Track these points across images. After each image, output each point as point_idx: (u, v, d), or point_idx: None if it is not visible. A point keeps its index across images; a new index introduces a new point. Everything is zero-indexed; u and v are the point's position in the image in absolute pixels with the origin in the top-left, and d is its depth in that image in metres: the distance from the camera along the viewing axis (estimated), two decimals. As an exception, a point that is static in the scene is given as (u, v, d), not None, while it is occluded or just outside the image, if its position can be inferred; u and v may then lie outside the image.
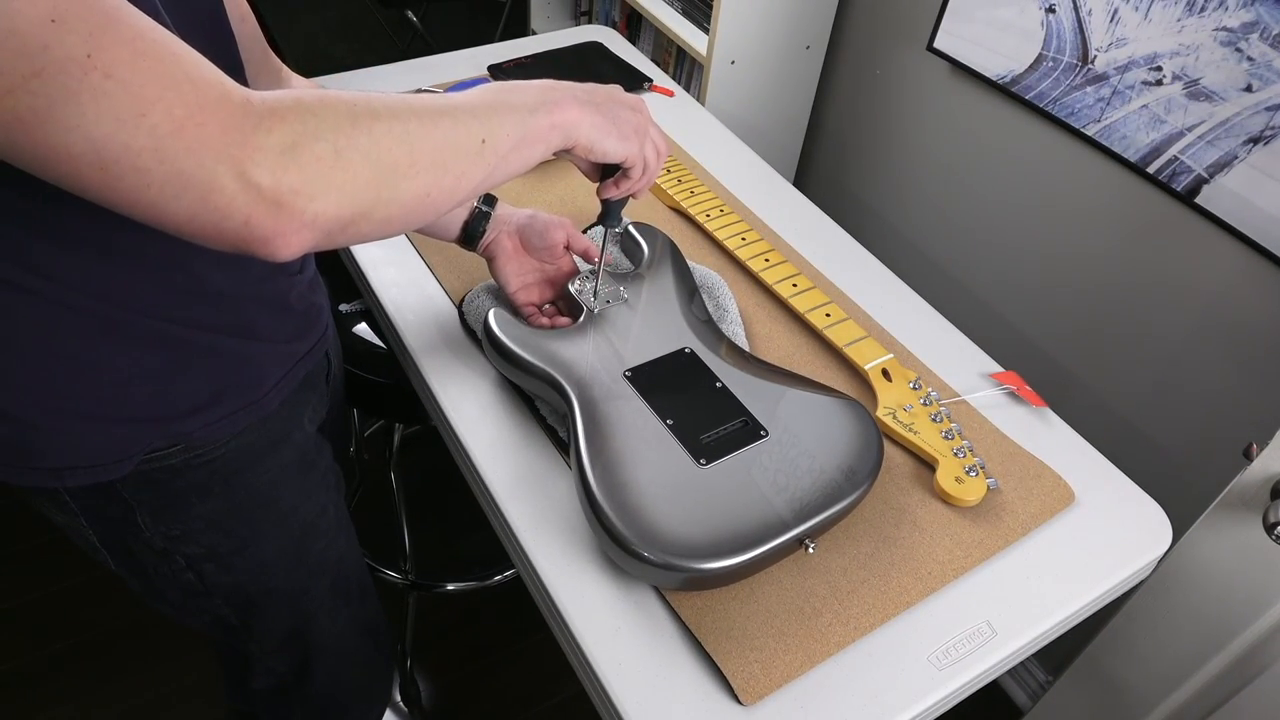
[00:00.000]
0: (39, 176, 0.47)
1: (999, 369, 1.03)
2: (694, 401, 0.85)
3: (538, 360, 0.85)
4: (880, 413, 0.91)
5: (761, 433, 0.83)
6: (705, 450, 0.80)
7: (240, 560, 0.85)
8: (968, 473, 0.86)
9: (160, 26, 0.48)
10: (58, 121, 0.45)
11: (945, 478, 0.86)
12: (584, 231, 1.10)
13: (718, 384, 0.87)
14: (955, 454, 0.87)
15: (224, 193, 0.48)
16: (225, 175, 0.48)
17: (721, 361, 0.90)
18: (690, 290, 0.98)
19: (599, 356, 0.87)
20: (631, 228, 1.02)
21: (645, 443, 0.80)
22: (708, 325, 0.94)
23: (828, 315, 1.01)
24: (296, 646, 0.98)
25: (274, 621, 0.93)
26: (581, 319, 0.91)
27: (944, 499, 0.86)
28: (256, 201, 0.49)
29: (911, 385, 0.94)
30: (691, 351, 0.90)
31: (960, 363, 1.03)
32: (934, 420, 0.91)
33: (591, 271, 0.94)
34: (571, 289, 0.93)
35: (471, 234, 0.93)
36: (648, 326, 0.91)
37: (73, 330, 0.64)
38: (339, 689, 1.09)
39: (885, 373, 0.95)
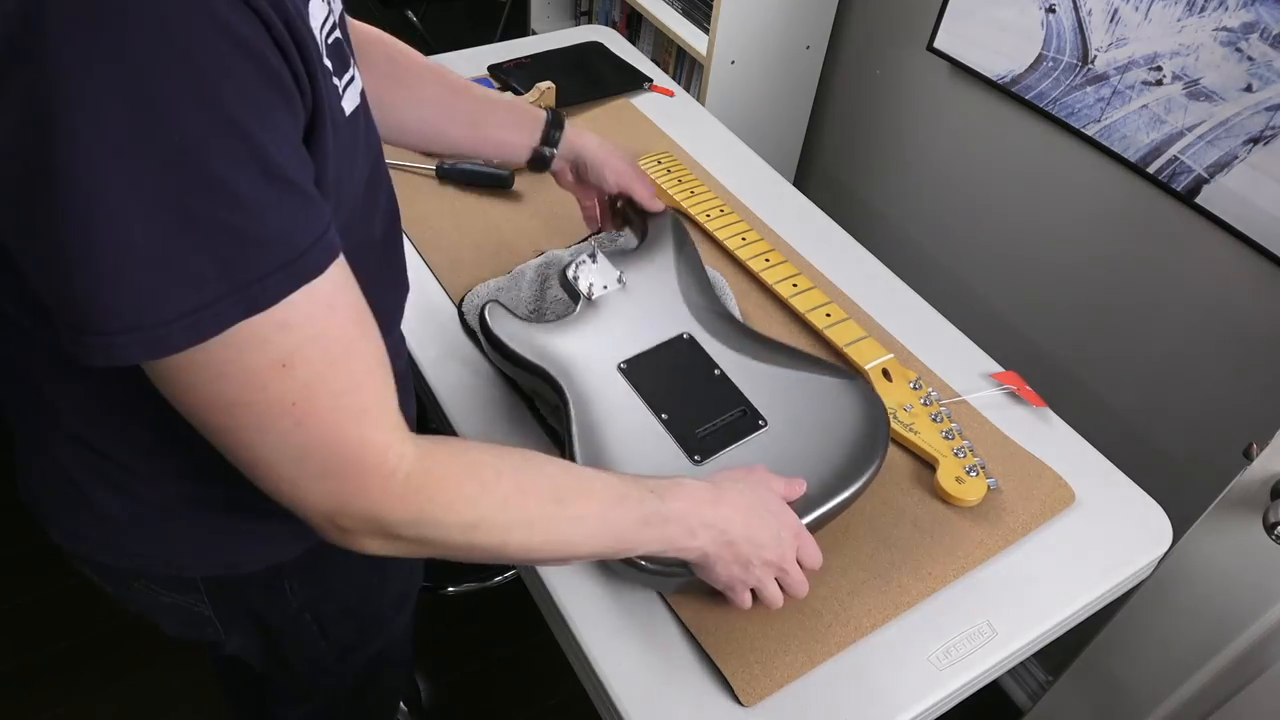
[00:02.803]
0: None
1: (999, 369, 1.03)
2: (691, 392, 0.83)
3: (530, 355, 0.84)
4: None
5: (760, 422, 0.82)
6: (701, 446, 0.79)
7: (365, 607, 0.84)
8: (968, 472, 0.86)
9: (363, 357, 0.51)
10: (237, 440, 0.48)
11: (946, 478, 0.86)
12: (585, 240, 1.10)
13: (716, 371, 0.86)
14: (955, 454, 0.87)
15: (317, 525, 0.53)
16: (327, 527, 0.53)
17: (721, 346, 0.88)
18: (694, 268, 0.95)
19: (594, 348, 0.85)
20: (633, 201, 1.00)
21: (639, 440, 0.79)
22: (709, 306, 0.92)
23: (828, 315, 1.01)
24: (370, 667, 0.96)
25: (367, 652, 0.91)
26: (579, 308, 0.89)
27: (944, 499, 0.86)
28: (338, 540, 0.54)
29: (912, 385, 0.94)
30: (690, 337, 0.88)
31: (960, 363, 1.03)
32: (934, 420, 0.91)
33: (590, 255, 0.91)
34: (568, 275, 0.90)
35: (537, 168, 0.95)
36: (645, 313, 0.89)
37: None
38: (389, 694, 1.09)
39: (885, 373, 0.95)
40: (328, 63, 0.49)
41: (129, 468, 0.63)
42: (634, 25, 1.97)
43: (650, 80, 1.44)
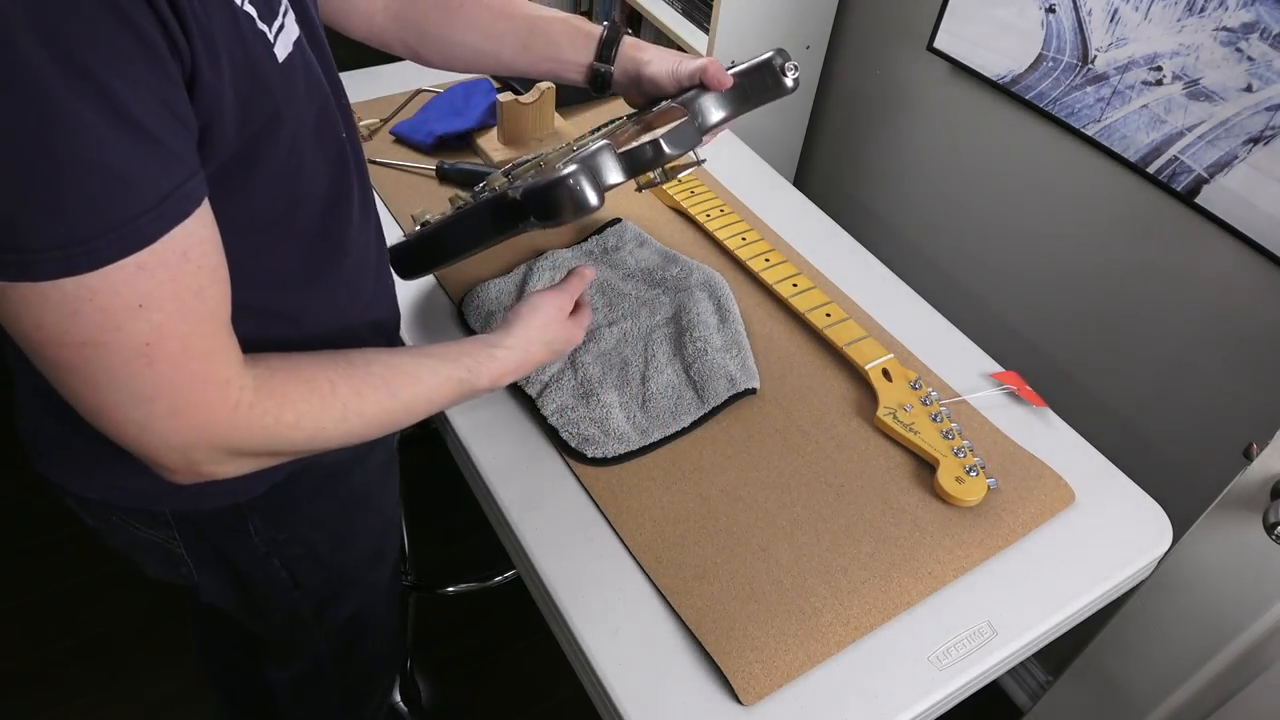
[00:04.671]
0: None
1: (999, 369, 1.03)
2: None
3: None
4: (880, 413, 0.91)
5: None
6: None
7: (334, 557, 0.85)
8: (968, 472, 0.86)
9: (212, 301, 0.52)
10: (83, 378, 0.49)
11: (946, 477, 0.86)
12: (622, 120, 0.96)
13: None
14: (955, 454, 0.87)
15: (165, 463, 0.55)
16: (177, 461, 0.55)
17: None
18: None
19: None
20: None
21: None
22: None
23: (828, 315, 1.01)
24: (350, 630, 0.98)
25: (343, 610, 0.93)
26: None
27: (944, 499, 0.86)
28: (186, 474, 0.56)
29: (912, 385, 0.94)
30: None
31: (960, 362, 1.03)
32: (934, 420, 0.91)
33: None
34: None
35: (598, 88, 0.89)
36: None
37: None
38: (374, 663, 1.09)
39: (885, 373, 0.95)
40: (249, 9, 0.51)
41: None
42: (634, 25, 1.97)
43: (650, 80, 1.44)
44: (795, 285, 1.05)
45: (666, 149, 0.76)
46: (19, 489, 1.80)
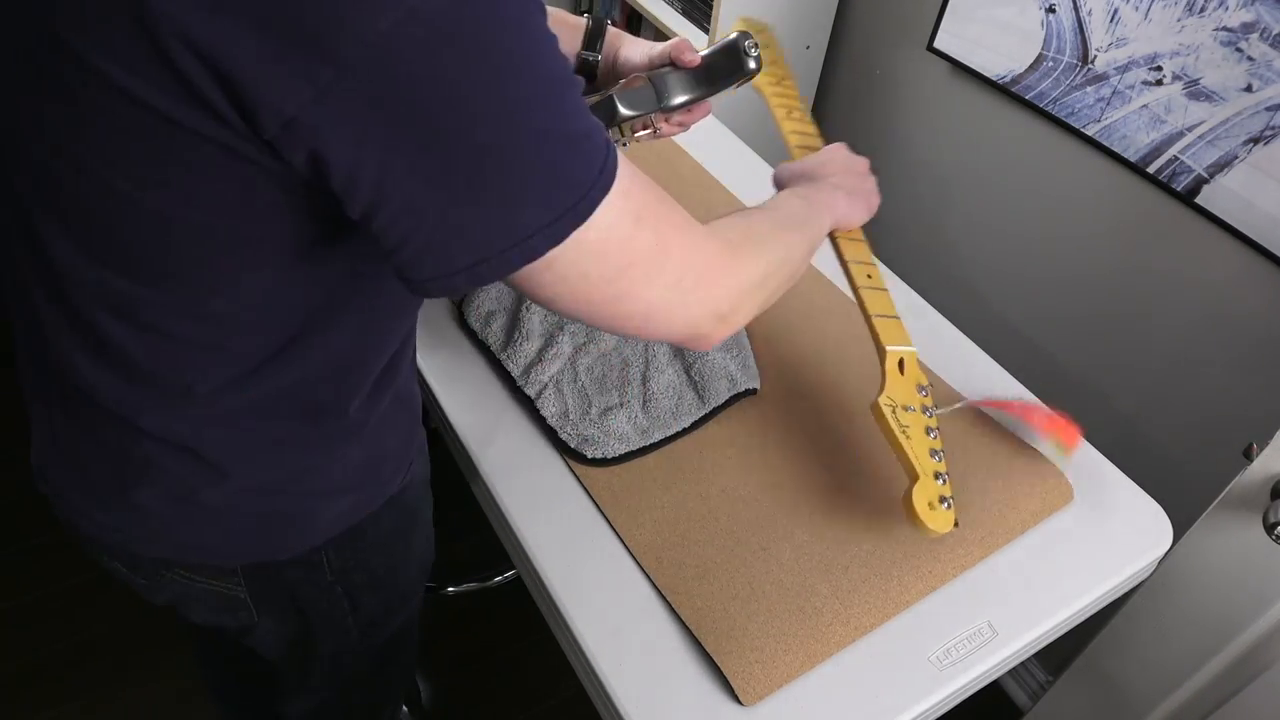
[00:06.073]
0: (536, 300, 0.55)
1: (996, 366, 1.03)
2: None
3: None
4: (882, 400, 0.84)
5: None
6: None
7: (391, 577, 0.84)
8: (940, 501, 0.79)
9: (663, 193, 0.57)
10: (631, 297, 0.55)
11: (921, 498, 0.78)
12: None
13: None
14: (936, 477, 0.80)
15: (703, 327, 0.61)
16: (709, 321, 0.61)
17: None
18: None
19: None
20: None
21: None
22: None
23: (868, 276, 0.92)
24: (388, 648, 0.95)
25: (387, 629, 0.91)
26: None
27: (909, 517, 0.78)
28: (719, 328, 0.62)
29: (919, 389, 0.87)
30: None
31: (960, 362, 1.03)
32: (928, 434, 0.84)
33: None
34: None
35: (584, 75, 0.91)
36: None
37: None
38: (397, 676, 1.08)
39: (901, 363, 0.88)
40: None
41: (216, 467, 0.64)
42: (634, 25, 1.97)
43: (650, 80, 1.43)
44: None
45: (620, 107, 0.81)
46: (19, 489, 1.80)
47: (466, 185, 0.45)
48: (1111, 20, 1.18)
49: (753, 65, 0.87)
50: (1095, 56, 1.21)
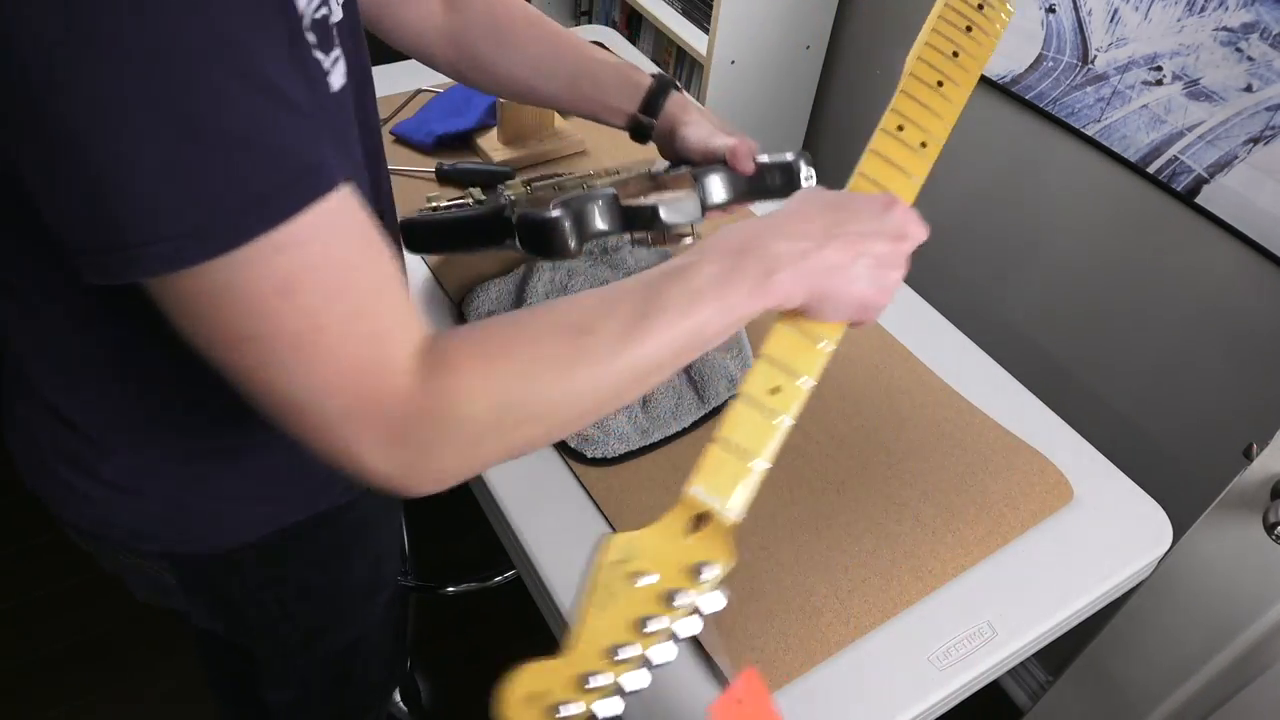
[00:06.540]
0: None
1: (997, 366, 1.03)
2: None
3: None
4: (608, 558, 0.59)
5: None
6: None
7: (326, 592, 0.84)
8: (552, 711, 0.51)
9: (372, 279, 0.47)
10: (257, 378, 0.45)
11: (519, 691, 0.51)
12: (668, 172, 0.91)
13: None
14: (583, 683, 0.51)
15: (365, 462, 0.48)
16: (381, 467, 0.48)
17: None
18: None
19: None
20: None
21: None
22: None
23: (774, 390, 0.59)
24: (344, 659, 0.96)
25: (336, 641, 0.92)
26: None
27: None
28: (391, 476, 0.48)
29: (696, 571, 0.55)
30: None
31: (960, 361, 1.03)
32: (639, 628, 0.54)
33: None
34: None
35: (637, 137, 0.88)
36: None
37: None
38: (367, 691, 1.09)
39: (699, 521, 0.58)
40: (310, 35, 0.49)
41: (95, 441, 0.64)
42: (634, 25, 1.97)
43: (650, 80, 1.44)
44: (908, 112, 0.70)
45: (663, 216, 0.78)
46: (19, 488, 1.80)
47: (70, 181, 0.41)
48: (1111, 20, 1.18)
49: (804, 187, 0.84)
50: (1095, 56, 1.21)
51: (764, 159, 0.84)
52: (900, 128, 0.67)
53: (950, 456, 0.91)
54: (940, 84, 0.68)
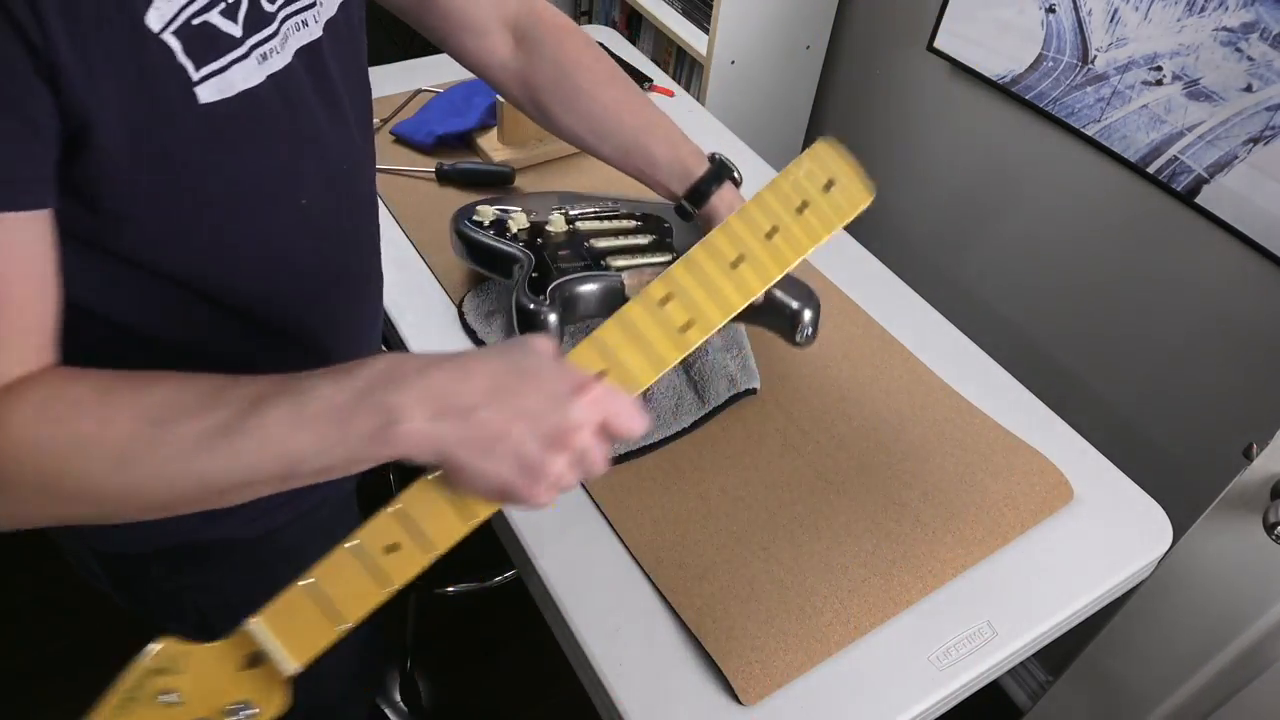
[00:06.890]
0: None
1: (996, 367, 1.03)
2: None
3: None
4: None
5: None
6: None
7: (254, 608, 0.84)
8: None
9: None
10: None
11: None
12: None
13: None
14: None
15: None
16: None
17: None
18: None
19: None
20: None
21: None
22: None
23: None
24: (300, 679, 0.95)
25: None
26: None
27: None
28: None
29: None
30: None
31: (960, 361, 1.03)
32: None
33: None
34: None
35: (680, 216, 0.86)
36: None
37: None
38: (323, 711, 1.07)
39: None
40: (170, 42, 0.47)
41: None
42: (634, 25, 1.97)
43: (650, 80, 1.44)
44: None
45: None
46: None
47: None
48: (1111, 20, 1.18)
49: (798, 340, 0.89)
50: (1095, 56, 1.21)
51: (777, 294, 0.87)
52: (666, 299, 0.54)
53: (950, 456, 0.91)
54: (736, 263, 0.56)
